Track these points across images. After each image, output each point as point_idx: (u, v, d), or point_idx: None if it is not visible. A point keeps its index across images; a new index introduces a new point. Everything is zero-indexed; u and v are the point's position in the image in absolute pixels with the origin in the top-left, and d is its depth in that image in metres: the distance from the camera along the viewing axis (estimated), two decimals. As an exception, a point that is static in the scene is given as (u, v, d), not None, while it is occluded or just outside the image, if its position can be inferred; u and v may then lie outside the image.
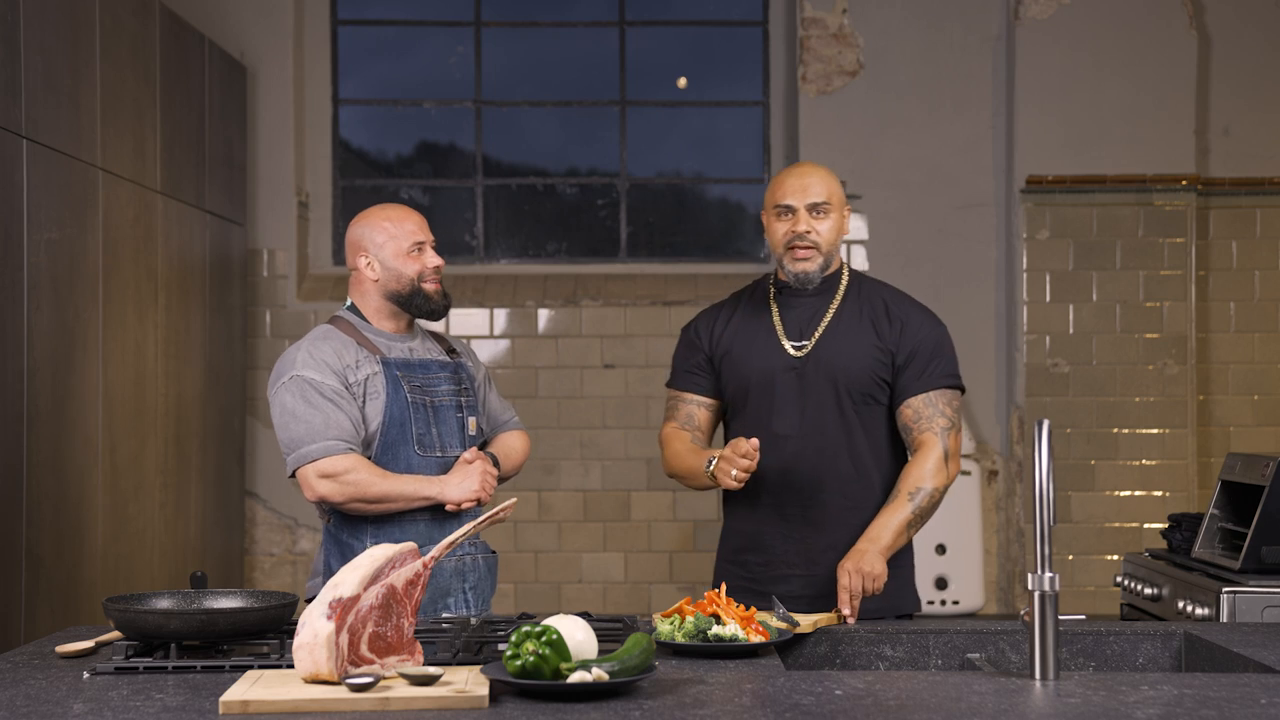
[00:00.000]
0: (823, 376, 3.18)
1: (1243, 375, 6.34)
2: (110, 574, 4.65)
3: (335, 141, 6.72)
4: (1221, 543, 3.99)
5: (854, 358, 3.18)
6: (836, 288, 3.25)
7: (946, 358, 3.21)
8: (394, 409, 3.15)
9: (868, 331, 3.20)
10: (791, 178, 3.21)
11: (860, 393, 3.19)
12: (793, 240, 3.17)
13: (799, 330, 3.23)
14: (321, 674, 2.19)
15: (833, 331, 3.21)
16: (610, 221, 6.82)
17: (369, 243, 3.24)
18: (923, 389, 3.16)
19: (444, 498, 3.14)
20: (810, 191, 3.18)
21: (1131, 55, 6.23)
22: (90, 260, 4.57)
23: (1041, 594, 2.31)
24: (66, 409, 4.37)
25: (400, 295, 3.24)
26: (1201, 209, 6.31)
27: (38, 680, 2.32)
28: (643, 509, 6.42)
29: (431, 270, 3.24)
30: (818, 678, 2.32)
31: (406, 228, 3.24)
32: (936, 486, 3.10)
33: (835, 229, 3.20)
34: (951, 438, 3.15)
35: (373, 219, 3.27)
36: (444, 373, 3.28)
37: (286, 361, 3.17)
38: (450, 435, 3.23)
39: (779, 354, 3.22)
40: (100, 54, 4.66)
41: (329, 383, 3.11)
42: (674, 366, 3.39)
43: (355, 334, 3.22)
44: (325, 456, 3.07)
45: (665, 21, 6.87)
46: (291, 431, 3.11)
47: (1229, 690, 2.21)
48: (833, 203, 3.19)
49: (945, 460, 3.12)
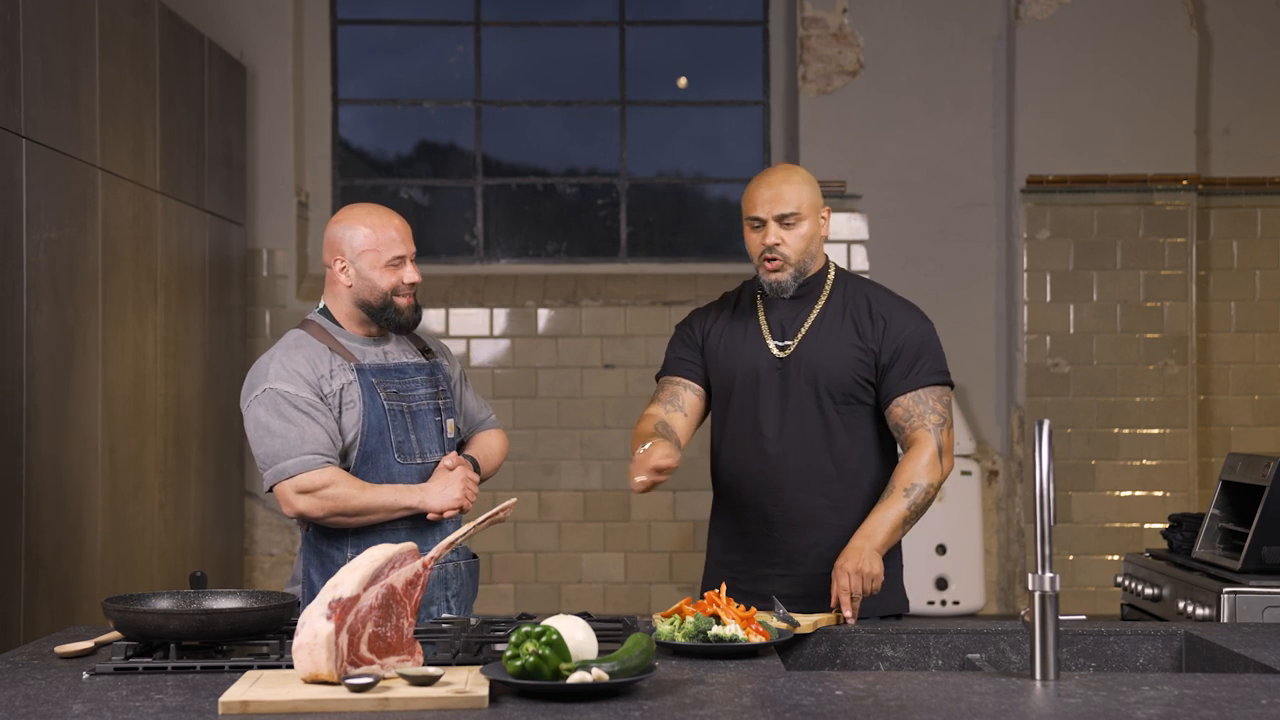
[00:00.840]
0: (803, 377, 3.17)
1: (1243, 375, 6.34)
2: (110, 574, 4.64)
3: (335, 141, 6.72)
4: (1222, 543, 3.98)
5: (834, 358, 3.17)
6: (821, 289, 3.23)
7: (933, 354, 3.19)
8: (371, 418, 3.06)
9: (849, 332, 3.19)
10: (761, 188, 3.16)
11: (841, 393, 3.17)
12: (763, 252, 3.16)
13: (782, 330, 3.22)
14: (321, 674, 2.18)
15: (814, 332, 3.20)
16: (610, 221, 6.81)
17: (346, 246, 3.11)
18: (911, 387, 3.15)
19: (425, 507, 3.06)
20: (779, 202, 3.13)
21: (1132, 55, 6.23)
22: (89, 260, 4.56)
23: (1042, 594, 2.30)
24: (66, 409, 4.36)
25: (370, 306, 3.12)
26: (1202, 209, 6.30)
27: (37, 680, 2.32)
28: (643, 509, 6.41)
29: (407, 286, 3.13)
30: (818, 678, 2.32)
31: (388, 237, 3.10)
32: (931, 482, 3.08)
33: (807, 237, 3.16)
34: (944, 434, 3.13)
35: (354, 222, 3.12)
36: (420, 375, 3.19)
37: (259, 373, 3.07)
38: (429, 440, 3.15)
39: (763, 354, 3.21)
40: (100, 54, 4.65)
41: (303, 395, 3.01)
42: (665, 359, 3.36)
43: (328, 339, 3.12)
44: (303, 472, 2.98)
45: (665, 21, 6.87)
46: (267, 447, 3.01)
47: (1230, 691, 2.21)
48: (803, 211, 3.14)
49: (939, 456, 3.10)
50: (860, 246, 6.36)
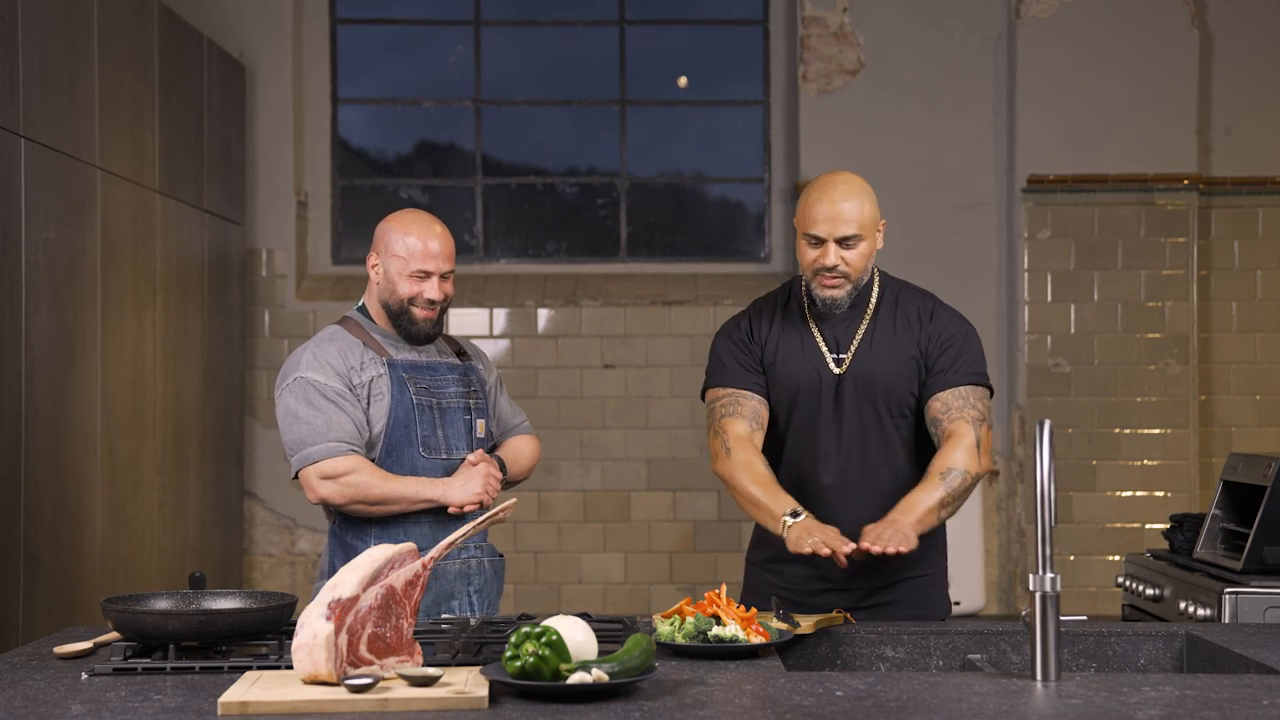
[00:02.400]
0: (860, 391, 3.13)
1: (1244, 375, 6.33)
2: (109, 574, 4.64)
3: (334, 141, 6.72)
4: (1223, 543, 3.98)
5: (890, 371, 3.13)
6: (869, 298, 3.18)
7: (974, 355, 3.15)
8: (398, 411, 3.15)
9: (902, 340, 3.15)
10: (823, 204, 3.06)
11: (898, 405, 3.14)
12: (820, 270, 3.09)
13: (837, 343, 3.17)
14: (320, 675, 2.18)
15: (867, 344, 3.15)
16: (610, 221, 6.81)
17: (384, 246, 3.22)
18: (951, 383, 3.10)
19: (446, 500, 3.13)
20: (840, 224, 3.05)
21: (1133, 54, 6.22)
22: (88, 260, 4.56)
23: (1043, 595, 2.30)
24: (65, 409, 4.36)
25: (389, 308, 3.22)
26: (1203, 208, 6.30)
27: (36, 681, 2.32)
28: (643, 509, 6.40)
29: (425, 300, 3.20)
30: (818, 679, 2.31)
31: (423, 249, 3.18)
32: (968, 470, 3.02)
33: (866, 255, 3.10)
34: (983, 430, 3.08)
35: (400, 225, 3.22)
36: (452, 374, 3.27)
37: (292, 363, 3.18)
38: (457, 437, 3.22)
39: (821, 368, 3.16)
40: (99, 53, 4.65)
41: (332, 384, 3.12)
42: (725, 365, 3.21)
43: (363, 335, 3.22)
44: (327, 458, 3.08)
45: (665, 20, 6.86)
46: (294, 433, 3.12)
47: (1231, 691, 2.21)
48: (864, 230, 3.07)
49: (977, 447, 3.05)
50: (860, 246, 6.35)
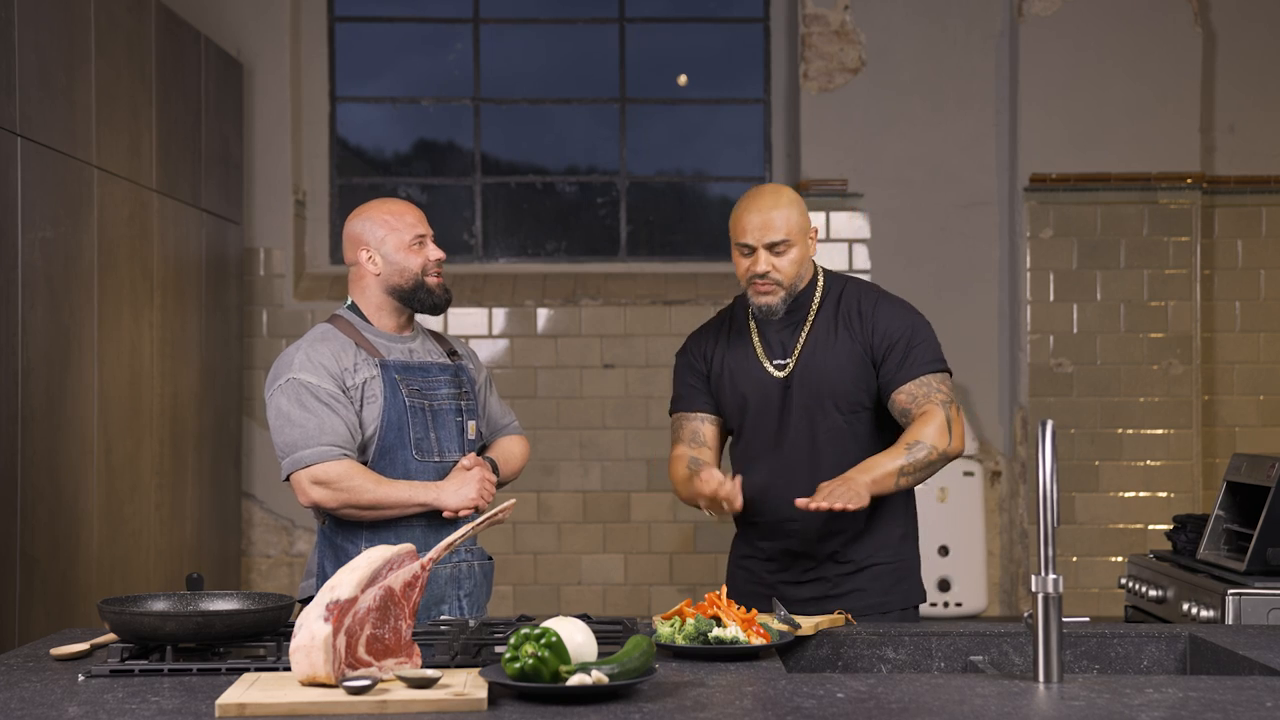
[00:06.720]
0: (808, 393, 3.19)
1: (1248, 375, 6.32)
2: (106, 576, 4.63)
3: (332, 139, 6.70)
4: (1227, 544, 3.97)
5: (835, 370, 3.19)
6: (810, 302, 3.25)
7: (926, 344, 3.19)
8: (391, 413, 3.12)
9: (844, 340, 3.20)
10: (750, 214, 3.15)
11: (848, 402, 3.19)
12: (754, 277, 3.17)
13: (783, 348, 3.24)
14: (319, 676, 2.17)
15: (810, 347, 3.21)
16: (610, 220, 6.79)
17: (370, 236, 3.20)
18: (909, 376, 3.15)
19: (440, 504, 3.11)
20: (769, 230, 3.13)
21: (1136, 52, 6.21)
22: (85, 259, 4.54)
23: (1045, 596, 2.29)
24: (61, 409, 4.34)
25: (402, 290, 3.20)
26: (1206, 207, 6.28)
27: (32, 683, 2.31)
28: (643, 510, 6.39)
29: (434, 264, 3.21)
30: (819, 680, 2.31)
31: (407, 220, 3.21)
32: (935, 445, 3.07)
33: (798, 260, 3.17)
34: (953, 410, 3.13)
35: (372, 213, 3.23)
36: (444, 375, 3.25)
37: (284, 363, 3.14)
38: (449, 440, 3.20)
39: (763, 374, 3.24)
40: (95, 51, 4.63)
41: (325, 386, 3.08)
42: (675, 392, 3.38)
43: (355, 334, 3.19)
44: (319, 462, 3.04)
45: (665, 19, 6.85)
46: (286, 436, 3.08)
47: (1234, 693, 2.20)
48: (793, 236, 3.15)
49: (948, 426, 3.10)
50: (862, 245, 6.33)
